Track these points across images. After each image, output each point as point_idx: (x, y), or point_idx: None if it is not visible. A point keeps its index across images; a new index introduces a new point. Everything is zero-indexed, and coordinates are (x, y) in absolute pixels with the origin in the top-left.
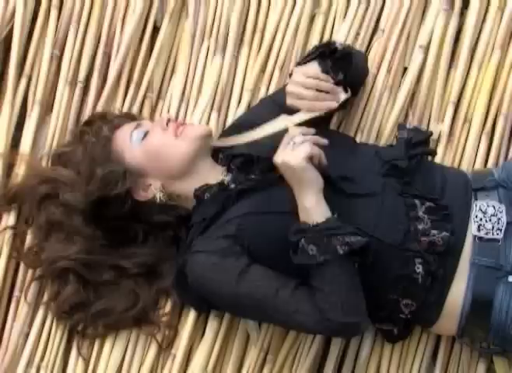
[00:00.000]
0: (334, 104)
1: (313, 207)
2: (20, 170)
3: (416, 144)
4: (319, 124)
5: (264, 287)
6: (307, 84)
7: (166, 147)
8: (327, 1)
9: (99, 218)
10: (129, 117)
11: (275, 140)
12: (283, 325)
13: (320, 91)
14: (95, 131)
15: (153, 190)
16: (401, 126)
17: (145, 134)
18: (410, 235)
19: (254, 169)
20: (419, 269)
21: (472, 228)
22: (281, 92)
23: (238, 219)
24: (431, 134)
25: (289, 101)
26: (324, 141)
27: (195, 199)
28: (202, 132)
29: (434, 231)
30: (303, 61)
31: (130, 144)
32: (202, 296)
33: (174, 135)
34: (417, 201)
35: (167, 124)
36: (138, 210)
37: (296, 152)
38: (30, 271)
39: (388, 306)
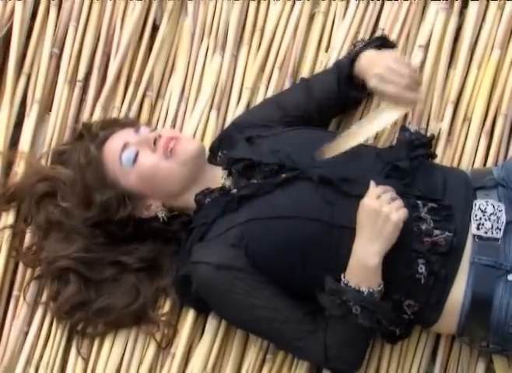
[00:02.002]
0: (419, 97)
1: (374, 269)
2: (19, 169)
3: (418, 146)
4: (318, 124)
5: (269, 319)
6: (403, 71)
7: (159, 170)
8: (327, 0)
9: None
10: (116, 124)
11: (275, 145)
12: (283, 349)
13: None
14: (84, 152)
15: (155, 209)
16: (403, 128)
17: (136, 155)
18: (413, 235)
19: (255, 173)
20: (422, 269)
21: (472, 227)
22: (285, 96)
23: (241, 226)
24: (433, 137)
25: (375, 83)
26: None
27: (196, 203)
28: (194, 151)
29: (437, 232)
30: (360, 49)
31: (121, 167)
32: (205, 303)
33: (164, 156)
34: (419, 202)
35: (155, 144)
36: (142, 225)
37: (398, 209)
38: (29, 270)
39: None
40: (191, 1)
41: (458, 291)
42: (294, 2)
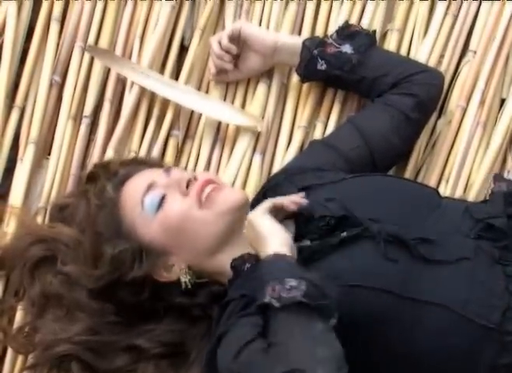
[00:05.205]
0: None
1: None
2: (9, 228)
3: None
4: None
5: None
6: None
7: (189, 220)
8: (403, 13)
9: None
10: (137, 162)
11: (332, 195)
12: None
13: None
14: (97, 191)
15: (177, 272)
16: (497, 176)
17: (162, 199)
18: (511, 314)
19: (307, 231)
20: None
21: None
22: (332, 134)
23: None
24: None
25: None
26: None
27: (232, 270)
28: (236, 202)
29: None
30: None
31: (142, 213)
32: None
33: (198, 203)
34: None
35: (187, 187)
36: (160, 292)
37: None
38: (21, 357)
39: None
40: (230, 15)
41: None
42: (361, 16)
